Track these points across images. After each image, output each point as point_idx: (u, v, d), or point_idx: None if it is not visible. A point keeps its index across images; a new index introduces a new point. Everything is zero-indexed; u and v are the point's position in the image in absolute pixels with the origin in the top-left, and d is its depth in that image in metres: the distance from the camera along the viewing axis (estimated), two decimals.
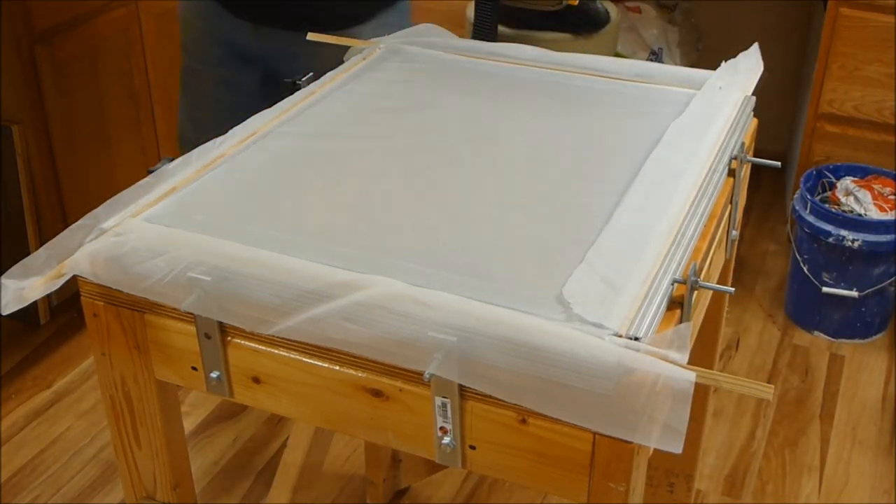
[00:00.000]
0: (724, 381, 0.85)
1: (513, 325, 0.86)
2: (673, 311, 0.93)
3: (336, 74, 1.41)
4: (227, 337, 1.00)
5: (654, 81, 1.38)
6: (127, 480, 1.16)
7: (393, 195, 1.10)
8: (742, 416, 2.14)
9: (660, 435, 0.83)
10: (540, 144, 1.22)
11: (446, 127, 1.27)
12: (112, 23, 2.28)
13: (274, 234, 1.01)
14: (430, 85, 1.39)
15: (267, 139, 1.22)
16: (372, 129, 1.26)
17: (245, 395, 1.03)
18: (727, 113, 1.26)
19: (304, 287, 0.92)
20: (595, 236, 0.99)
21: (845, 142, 2.47)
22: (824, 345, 2.38)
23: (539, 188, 1.11)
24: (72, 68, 2.20)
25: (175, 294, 0.97)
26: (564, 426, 0.87)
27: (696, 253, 1.03)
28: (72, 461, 1.99)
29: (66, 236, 1.02)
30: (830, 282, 2.33)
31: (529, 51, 1.46)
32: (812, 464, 2.01)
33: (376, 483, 1.85)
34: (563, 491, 0.91)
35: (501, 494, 1.92)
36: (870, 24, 2.33)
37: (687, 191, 1.08)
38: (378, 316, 0.89)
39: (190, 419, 2.09)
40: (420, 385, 0.92)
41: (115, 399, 1.10)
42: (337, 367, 0.95)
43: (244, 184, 1.13)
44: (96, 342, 1.07)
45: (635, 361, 0.82)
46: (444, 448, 0.93)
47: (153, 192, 1.09)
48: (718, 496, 1.93)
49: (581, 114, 1.30)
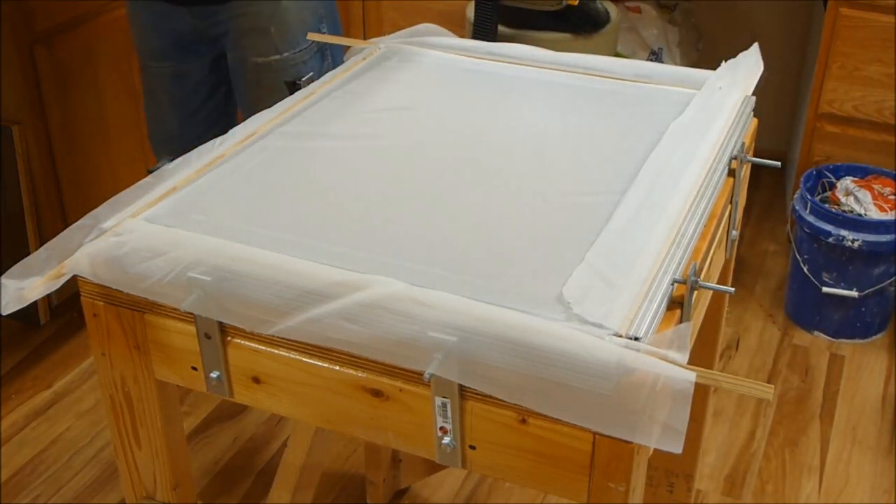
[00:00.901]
0: (724, 381, 0.85)
1: (513, 325, 0.86)
2: (673, 311, 0.93)
3: (336, 74, 1.41)
4: (227, 337, 1.00)
5: (654, 81, 1.38)
6: (127, 480, 1.16)
7: (393, 195, 1.10)
8: (742, 416, 2.14)
9: (660, 435, 0.83)
10: (540, 144, 1.22)
11: (446, 127, 1.27)
12: (112, 23, 2.28)
13: (274, 234, 1.01)
14: (429, 85, 1.39)
15: (267, 139, 1.22)
16: (372, 129, 1.26)
17: (245, 395, 1.03)
18: (727, 113, 1.26)
19: (304, 287, 0.92)
20: (595, 236, 0.99)
21: (845, 142, 2.47)
22: (824, 345, 2.38)
23: (539, 188, 1.11)
24: (72, 68, 2.20)
25: (175, 294, 0.97)
26: (564, 426, 0.87)
27: (696, 253, 1.03)
28: (72, 461, 1.99)
29: (66, 236, 1.02)
30: (830, 282, 2.33)
31: (529, 51, 1.46)
32: (812, 464, 2.01)
33: (376, 483, 1.85)
34: (563, 491, 0.91)
35: (501, 494, 1.92)
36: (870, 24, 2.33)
37: (687, 191, 1.08)
38: (378, 316, 0.89)
39: (190, 419, 2.09)
40: (420, 385, 0.92)
41: (115, 399, 1.10)
42: (337, 367, 0.95)
43: (244, 184, 1.13)
44: (96, 342, 1.07)
45: (635, 361, 0.82)
46: (444, 448, 0.93)
47: (153, 192, 1.09)
48: (718, 496, 1.93)
49: (581, 114, 1.30)
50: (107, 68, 2.29)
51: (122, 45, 2.32)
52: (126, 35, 2.32)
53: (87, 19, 2.22)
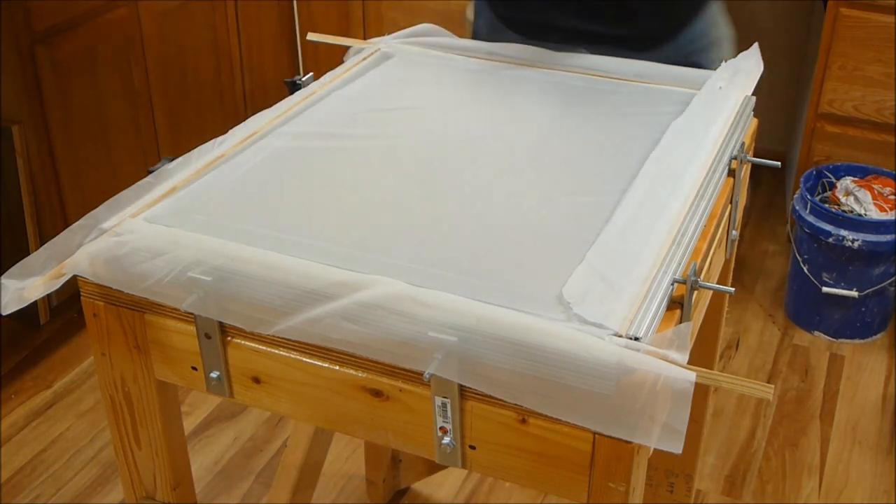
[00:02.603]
0: (724, 381, 0.85)
1: (513, 325, 0.86)
2: (673, 311, 0.93)
3: (336, 74, 1.41)
4: (227, 337, 1.00)
5: (654, 81, 1.38)
6: (127, 480, 1.16)
7: (393, 195, 1.10)
8: (742, 416, 2.14)
9: (660, 435, 0.83)
10: (540, 144, 1.22)
11: (446, 127, 1.27)
12: (112, 23, 2.28)
13: (274, 234, 1.01)
14: (429, 85, 1.39)
15: (267, 139, 1.22)
16: (372, 128, 1.26)
17: (245, 395, 1.03)
18: (727, 113, 1.26)
19: (304, 287, 0.92)
20: (595, 236, 0.99)
21: (845, 142, 2.47)
22: (824, 345, 2.38)
23: (538, 188, 1.11)
24: (72, 68, 2.20)
25: (175, 294, 0.97)
26: (564, 426, 0.87)
27: (696, 253, 1.03)
28: (72, 461, 1.99)
29: (66, 236, 1.02)
30: (830, 282, 2.33)
31: (529, 51, 1.46)
32: (812, 464, 2.01)
33: (376, 483, 1.85)
34: (563, 491, 0.91)
35: (501, 494, 1.92)
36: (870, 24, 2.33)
37: (687, 191, 1.08)
38: (378, 316, 0.89)
39: (190, 419, 2.09)
40: (420, 385, 0.92)
41: (115, 399, 1.10)
42: (337, 367, 0.95)
43: (244, 184, 1.13)
44: (96, 342, 1.07)
45: (635, 361, 0.82)
46: (444, 448, 0.93)
47: (153, 192, 1.09)
48: (718, 496, 1.93)
49: (581, 114, 1.30)
50: (107, 68, 2.29)
51: (122, 45, 2.32)
52: (126, 35, 2.32)
53: (87, 19, 2.22)
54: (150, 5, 2.37)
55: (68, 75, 2.19)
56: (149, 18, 2.38)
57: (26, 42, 2.10)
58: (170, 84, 2.50)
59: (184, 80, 2.55)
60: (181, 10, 2.49)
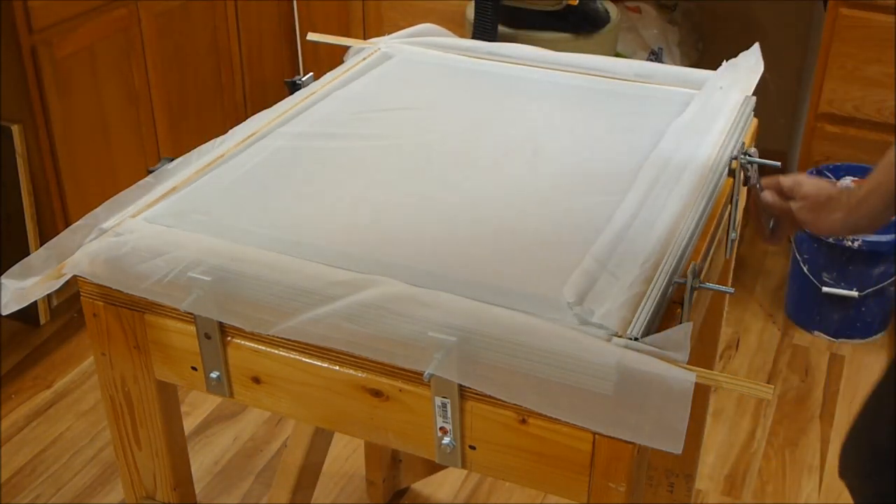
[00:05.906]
0: (724, 381, 0.85)
1: (513, 325, 0.86)
2: (673, 311, 0.93)
3: (336, 74, 1.40)
4: (227, 337, 1.00)
5: (654, 81, 1.38)
6: (127, 480, 1.16)
7: (393, 195, 1.10)
8: (742, 416, 2.14)
9: (660, 435, 0.83)
10: (540, 144, 1.22)
11: (446, 127, 1.27)
12: (112, 23, 2.28)
13: (274, 234, 1.01)
14: (429, 85, 1.39)
15: (267, 139, 1.22)
16: (372, 128, 1.26)
17: (245, 395, 1.03)
18: (727, 113, 1.26)
19: (304, 287, 0.92)
20: (595, 236, 0.99)
21: (845, 142, 2.47)
22: (824, 345, 2.38)
23: (539, 188, 1.11)
24: (72, 68, 2.20)
25: (175, 294, 0.97)
26: (564, 426, 0.87)
27: (696, 253, 1.03)
28: (72, 461, 1.99)
29: (66, 236, 1.02)
30: (830, 282, 2.33)
31: (529, 51, 1.46)
32: (812, 464, 2.01)
33: (376, 483, 1.85)
34: (563, 491, 0.91)
35: (501, 494, 1.92)
36: (870, 24, 2.33)
37: (687, 191, 1.08)
38: (378, 316, 0.89)
39: (190, 419, 2.09)
40: (420, 385, 0.92)
41: (115, 399, 1.10)
42: (337, 367, 0.95)
43: (244, 184, 1.13)
44: (96, 342, 1.07)
45: (635, 361, 0.82)
46: (444, 448, 0.93)
47: (153, 192, 1.09)
48: (718, 496, 1.93)
49: (581, 114, 1.30)
50: (107, 68, 2.29)
51: (122, 45, 2.32)
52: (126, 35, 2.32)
53: (87, 19, 2.22)
54: (150, 5, 2.37)
55: (68, 75, 2.19)
56: (149, 18, 2.38)
57: (26, 42, 2.10)
58: (170, 84, 2.49)
59: (184, 80, 2.55)
60: (181, 10, 2.48)
